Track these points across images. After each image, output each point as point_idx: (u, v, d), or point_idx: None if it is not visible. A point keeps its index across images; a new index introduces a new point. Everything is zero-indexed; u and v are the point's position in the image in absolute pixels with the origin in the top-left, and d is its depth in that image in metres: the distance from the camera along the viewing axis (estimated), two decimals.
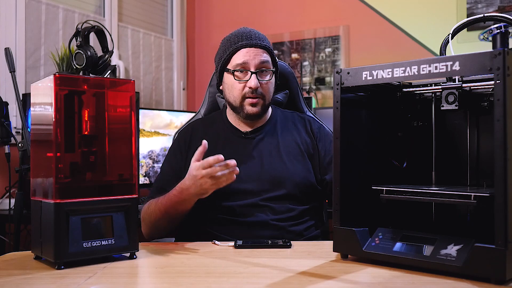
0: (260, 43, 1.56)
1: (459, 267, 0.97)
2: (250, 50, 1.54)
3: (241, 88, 1.54)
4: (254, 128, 1.62)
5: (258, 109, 1.55)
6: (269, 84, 1.57)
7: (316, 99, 3.50)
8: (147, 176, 2.79)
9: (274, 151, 1.58)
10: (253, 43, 1.55)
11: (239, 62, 1.53)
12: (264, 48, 1.56)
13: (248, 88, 1.53)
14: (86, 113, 1.19)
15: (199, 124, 1.70)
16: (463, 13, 3.13)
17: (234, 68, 1.54)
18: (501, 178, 0.91)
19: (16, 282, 1.01)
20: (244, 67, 1.53)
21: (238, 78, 1.54)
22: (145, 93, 3.46)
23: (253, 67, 1.53)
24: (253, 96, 1.53)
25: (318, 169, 1.60)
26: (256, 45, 1.55)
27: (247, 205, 1.49)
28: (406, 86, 1.23)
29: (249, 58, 1.53)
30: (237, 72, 1.54)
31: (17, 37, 2.54)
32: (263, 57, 1.54)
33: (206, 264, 1.15)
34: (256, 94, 1.53)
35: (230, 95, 1.58)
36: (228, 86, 1.58)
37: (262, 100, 1.55)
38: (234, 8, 3.85)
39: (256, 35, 1.58)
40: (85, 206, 1.13)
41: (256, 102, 1.54)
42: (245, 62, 1.53)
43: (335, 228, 1.15)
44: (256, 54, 1.54)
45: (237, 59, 1.54)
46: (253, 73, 1.52)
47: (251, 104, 1.54)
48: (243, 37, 1.55)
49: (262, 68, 1.54)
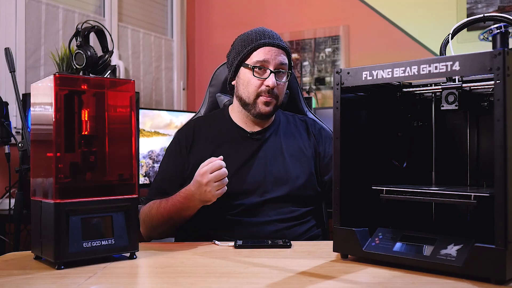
0: (282, 44, 1.57)
1: (459, 267, 0.97)
2: (272, 49, 1.54)
3: (258, 85, 1.54)
4: (260, 129, 1.62)
5: (270, 108, 1.55)
6: (284, 86, 1.59)
7: (316, 99, 3.50)
8: (147, 176, 2.79)
9: (277, 153, 1.58)
10: (275, 42, 1.55)
11: (259, 59, 1.53)
12: (284, 49, 1.57)
13: (265, 86, 1.53)
14: (86, 113, 1.19)
15: (201, 122, 1.69)
16: (463, 13, 3.13)
17: (254, 64, 1.54)
18: (501, 178, 0.91)
19: (16, 282, 1.01)
20: (263, 65, 1.53)
21: (257, 75, 1.54)
22: (145, 93, 3.46)
23: (272, 66, 1.53)
24: (268, 95, 1.54)
25: (319, 171, 1.60)
26: (278, 45, 1.56)
27: (250, 205, 1.50)
28: (406, 86, 1.23)
29: (270, 57, 1.53)
30: (256, 69, 1.54)
31: (17, 37, 2.55)
32: (282, 58, 1.55)
33: (206, 264, 1.15)
34: (272, 94, 1.54)
35: (244, 90, 1.57)
36: (243, 81, 1.57)
37: (275, 101, 1.56)
38: (234, 8, 3.85)
39: (277, 35, 1.59)
40: (85, 206, 1.13)
41: (270, 101, 1.55)
42: (266, 60, 1.53)
43: (335, 228, 1.15)
44: (277, 54, 1.54)
45: (257, 55, 1.54)
46: (272, 72, 1.53)
47: (265, 102, 1.54)
48: (265, 36, 1.56)
49: (281, 69, 1.55)
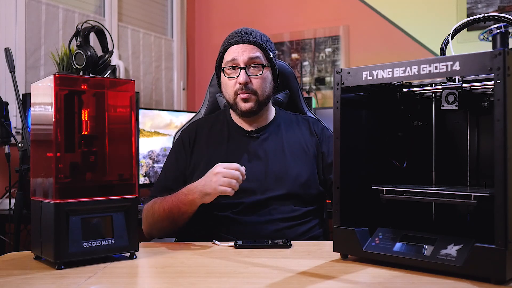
0: (249, 39, 1.55)
1: (459, 267, 0.97)
2: (239, 46, 1.55)
3: (232, 85, 1.55)
4: (258, 128, 1.62)
5: (251, 104, 1.55)
6: (261, 79, 1.55)
7: (316, 99, 3.49)
8: (147, 176, 2.78)
9: (279, 151, 1.58)
10: (242, 39, 1.55)
11: (228, 59, 1.55)
12: (253, 43, 1.56)
13: (238, 84, 1.53)
14: (86, 113, 1.19)
15: (203, 122, 1.70)
16: (463, 13, 3.13)
17: (225, 65, 1.56)
18: (501, 178, 0.91)
19: (16, 282, 1.01)
20: (233, 64, 1.54)
21: (227, 75, 1.56)
22: (145, 93, 3.46)
23: (242, 63, 1.53)
24: (244, 92, 1.53)
25: (322, 170, 1.60)
26: (245, 41, 1.55)
27: (251, 203, 1.49)
28: (406, 86, 1.23)
29: (237, 54, 1.54)
30: (227, 69, 1.56)
31: (17, 37, 2.54)
32: (252, 53, 1.54)
33: (206, 264, 1.15)
34: (247, 89, 1.53)
35: (225, 93, 1.59)
36: (223, 84, 1.60)
37: (254, 96, 1.55)
38: (234, 8, 3.84)
39: (248, 32, 1.58)
40: (85, 206, 1.13)
41: (247, 97, 1.54)
42: (234, 58, 1.54)
43: (335, 228, 1.15)
44: (244, 50, 1.54)
45: (227, 56, 1.56)
46: (242, 69, 1.53)
47: (243, 99, 1.54)
48: (234, 36, 1.57)
49: (253, 64, 1.54)
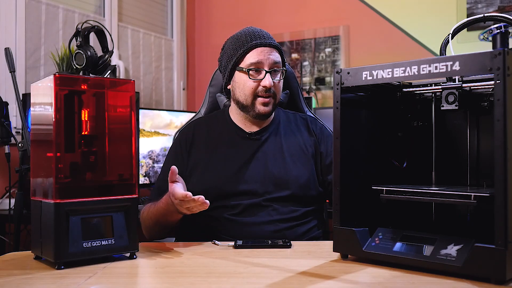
0: (273, 43, 1.57)
1: (459, 267, 0.96)
2: (264, 49, 1.54)
3: (254, 87, 1.54)
4: (259, 129, 1.62)
5: (269, 108, 1.56)
6: (281, 83, 1.59)
7: (316, 99, 3.50)
8: (147, 176, 2.78)
9: (278, 153, 1.58)
10: (267, 42, 1.55)
11: (253, 61, 1.53)
12: (276, 47, 1.57)
13: (261, 87, 1.53)
14: (86, 113, 1.19)
15: (201, 123, 1.69)
16: (463, 13, 3.13)
17: (248, 67, 1.54)
18: (501, 178, 0.91)
19: (16, 282, 1.01)
20: (258, 66, 1.54)
21: (253, 77, 1.54)
22: (145, 93, 3.46)
23: (267, 66, 1.54)
24: (266, 95, 1.54)
25: (320, 170, 1.60)
26: (270, 44, 1.56)
27: (251, 205, 1.49)
28: (406, 86, 1.23)
29: (263, 57, 1.53)
30: (251, 71, 1.54)
31: (17, 37, 2.54)
32: (275, 57, 1.55)
33: (206, 264, 1.15)
34: (269, 93, 1.54)
35: (241, 93, 1.57)
36: (239, 84, 1.57)
37: (273, 99, 1.57)
38: (234, 8, 3.85)
39: (268, 34, 1.59)
40: (85, 206, 1.13)
41: (268, 101, 1.55)
42: (260, 61, 1.53)
43: (335, 228, 1.15)
44: (270, 54, 1.54)
45: (251, 58, 1.54)
46: (268, 72, 1.53)
47: (263, 103, 1.55)
48: (256, 36, 1.56)
49: (275, 68, 1.55)
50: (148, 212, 1.51)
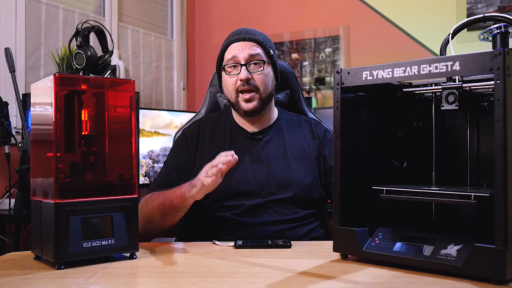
0: (249, 36, 1.56)
1: (459, 267, 0.97)
2: (239, 44, 1.55)
3: (233, 83, 1.55)
4: (261, 129, 1.61)
5: (254, 104, 1.54)
6: (263, 75, 1.55)
7: (316, 99, 3.49)
8: (147, 176, 2.78)
9: (281, 154, 1.57)
10: (241, 37, 1.56)
11: (229, 57, 1.55)
12: (253, 41, 1.56)
13: (239, 81, 1.53)
14: (86, 113, 1.19)
15: (206, 121, 1.69)
16: (463, 13, 3.13)
17: (226, 63, 1.56)
18: (501, 178, 0.91)
19: (16, 282, 1.01)
20: (234, 61, 1.54)
21: (228, 73, 1.55)
22: (145, 93, 3.46)
23: (242, 59, 1.53)
24: (246, 89, 1.53)
25: (323, 173, 1.60)
26: (245, 38, 1.56)
27: (253, 205, 1.49)
28: (406, 86, 1.23)
29: (237, 51, 1.54)
30: (228, 67, 1.55)
31: (17, 37, 2.54)
32: (252, 50, 1.54)
33: (206, 264, 1.15)
34: (249, 86, 1.53)
35: (226, 92, 1.59)
36: (224, 83, 1.59)
37: (257, 94, 1.54)
38: (234, 8, 3.84)
39: (247, 30, 1.59)
40: (85, 206, 1.13)
41: (250, 97, 1.53)
42: (234, 56, 1.54)
43: (335, 228, 1.15)
44: (244, 47, 1.54)
45: (228, 54, 1.56)
46: (243, 65, 1.53)
47: (245, 100, 1.54)
48: (234, 34, 1.58)
49: (253, 61, 1.54)
50: (158, 194, 1.45)
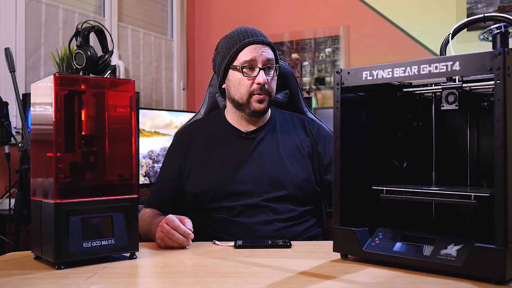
0: (266, 40, 1.58)
1: (459, 267, 0.97)
2: (257, 46, 1.55)
3: (249, 85, 1.55)
4: (254, 128, 1.62)
5: (264, 105, 1.56)
6: (274, 80, 1.60)
7: (316, 99, 3.49)
8: (147, 176, 2.78)
9: (274, 152, 1.58)
10: (260, 39, 1.56)
11: (247, 59, 1.54)
12: (269, 45, 1.58)
13: (256, 84, 1.54)
14: (86, 113, 1.19)
15: (197, 125, 1.70)
16: (463, 13, 3.13)
17: (242, 64, 1.54)
18: (501, 178, 0.91)
19: (16, 282, 1.01)
20: (252, 64, 1.54)
21: (246, 75, 1.55)
22: (145, 93, 3.46)
23: (260, 63, 1.54)
24: (261, 93, 1.54)
25: (318, 170, 1.60)
26: (263, 42, 1.56)
27: (248, 205, 1.50)
28: (406, 86, 1.23)
29: (256, 54, 1.54)
30: (245, 69, 1.55)
31: (17, 37, 2.54)
32: (268, 54, 1.56)
33: (206, 264, 1.15)
34: (264, 90, 1.54)
35: (236, 92, 1.57)
36: (234, 83, 1.58)
37: (268, 97, 1.57)
38: (234, 8, 3.84)
39: (260, 32, 1.60)
40: (85, 206, 1.13)
41: (263, 98, 1.55)
42: (253, 58, 1.54)
43: (335, 228, 1.15)
44: (263, 51, 1.55)
45: (244, 56, 1.55)
46: (261, 69, 1.53)
47: (259, 100, 1.55)
48: (248, 35, 1.56)
49: (268, 65, 1.56)
50: (142, 221, 1.49)
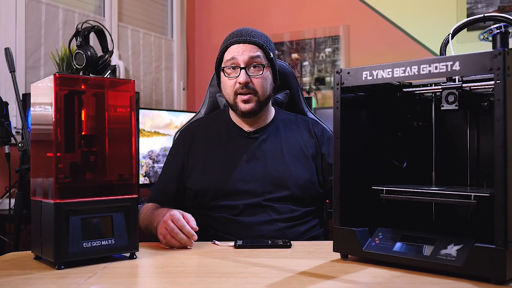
0: (250, 39, 1.55)
1: (459, 267, 0.97)
2: (239, 46, 1.54)
3: (232, 85, 1.55)
4: (257, 128, 1.61)
5: (251, 105, 1.54)
6: (261, 79, 1.55)
7: (316, 99, 3.49)
8: (147, 176, 2.78)
9: (277, 152, 1.58)
10: (242, 39, 1.55)
11: (228, 59, 1.54)
12: (254, 43, 1.55)
13: (238, 84, 1.53)
14: (86, 113, 1.19)
15: (201, 123, 1.70)
16: (463, 13, 3.13)
17: (225, 65, 1.55)
18: (501, 178, 0.91)
19: (16, 282, 1.01)
20: (233, 63, 1.54)
21: (227, 75, 1.55)
22: (145, 93, 3.46)
23: (242, 62, 1.53)
24: (244, 92, 1.53)
25: (321, 172, 1.60)
26: (245, 41, 1.54)
27: (250, 205, 1.49)
28: (406, 86, 1.23)
29: (237, 53, 1.53)
30: (227, 69, 1.55)
31: (17, 37, 2.54)
32: (252, 53, 1.54)
33: (206, 264, 1.15)
34: (248, 89, 1.53)
35: (225, 93, 1.59)
36: (222, 84, 1.59)
37: (255, 96, 1.54)
38: (234, 8, 3.84)
39: (248, 32, 1.57)
40: (85, 206, 1.13)
41: (248, 98, 1.53)
42: (234, 57, 1.53)
43: (335, 228, 1.15)
44: (244, 50, 1.53)
45: (227, 56, 1.55)
46: (242, 69, 1.52)
47: (243, 101, 1.54)
48: (234, 35, 1.57)
49: (253, 63, 1.54)
50: (142, 215, 1.50)
